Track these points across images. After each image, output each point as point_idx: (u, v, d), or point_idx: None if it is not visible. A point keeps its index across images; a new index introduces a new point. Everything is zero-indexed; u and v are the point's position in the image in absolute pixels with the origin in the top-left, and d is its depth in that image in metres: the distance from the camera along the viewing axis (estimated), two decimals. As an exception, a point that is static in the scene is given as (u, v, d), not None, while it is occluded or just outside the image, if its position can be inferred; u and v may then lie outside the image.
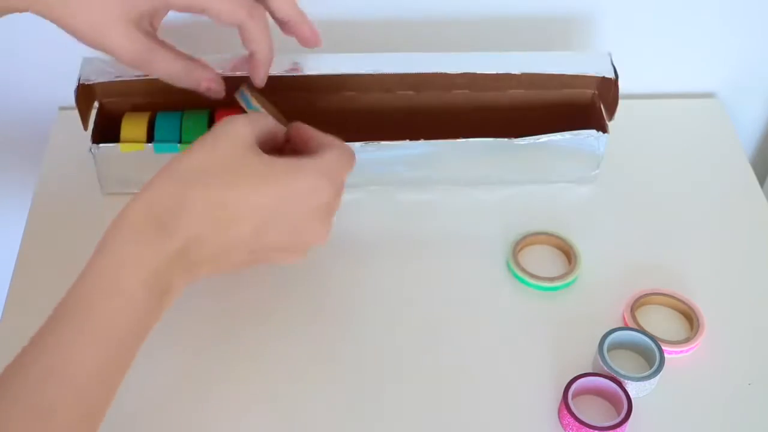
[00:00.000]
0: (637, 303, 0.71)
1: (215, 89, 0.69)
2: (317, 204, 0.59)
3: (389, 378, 0.68)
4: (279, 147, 0.63)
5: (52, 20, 0.62)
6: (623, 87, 0.77)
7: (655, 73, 0.89)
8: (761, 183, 0.84)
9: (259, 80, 0.69)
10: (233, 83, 0.71)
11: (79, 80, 0.73)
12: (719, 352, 0.70)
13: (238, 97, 0.70)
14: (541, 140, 0.75)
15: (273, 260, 0.62)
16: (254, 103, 0.69)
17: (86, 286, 0.55)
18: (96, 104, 0.77)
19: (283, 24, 0.68)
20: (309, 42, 0.68)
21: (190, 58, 0.68)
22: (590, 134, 0.76)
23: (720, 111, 0.90)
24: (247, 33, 0.65)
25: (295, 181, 0.58)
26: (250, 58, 0.68)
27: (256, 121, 0.60)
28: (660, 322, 0.71)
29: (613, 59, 0.77)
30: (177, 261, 0.56)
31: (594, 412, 0.65)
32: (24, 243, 0.75)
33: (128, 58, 0.63)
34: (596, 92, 0.79)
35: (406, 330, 0.71)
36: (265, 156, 0.58)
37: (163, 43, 0.65)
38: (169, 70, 0.66)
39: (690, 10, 0.85)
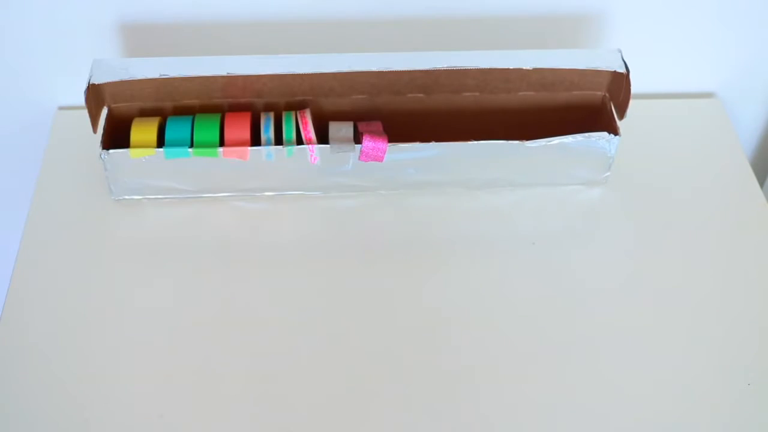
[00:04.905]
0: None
1: None
2: None
3: (389, 383, 0.68)
4: None
5: None
6: (623, 87, 0.77)
7: (655, 73, 0.89)
8: (761, 183, 0.84)
9: None
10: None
11: (89, 81, 0.73)
12: (719, 352, 0.70)
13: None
14: (552, 143, 0.74)
15: None
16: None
17: None
18: (105, 109, 0.76)
19: None
20: None
21: None
22: (601, 136, 0.75)
23: (720, 111, 0.90)
24: None
25: None
26: None
27: None
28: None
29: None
30: None
31: None
32: (23, 243, 0.75)
33: None
34: (606, 94, 0.79)
35: (411, 333, 0.70)
36: None
37: None
38: None
39: (690, 11, 0.85)
